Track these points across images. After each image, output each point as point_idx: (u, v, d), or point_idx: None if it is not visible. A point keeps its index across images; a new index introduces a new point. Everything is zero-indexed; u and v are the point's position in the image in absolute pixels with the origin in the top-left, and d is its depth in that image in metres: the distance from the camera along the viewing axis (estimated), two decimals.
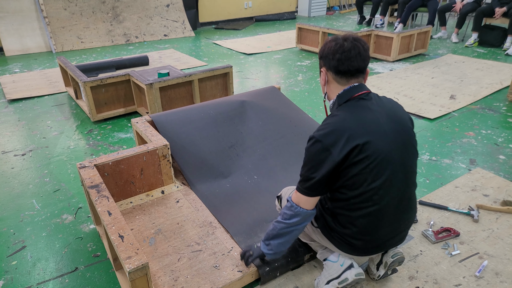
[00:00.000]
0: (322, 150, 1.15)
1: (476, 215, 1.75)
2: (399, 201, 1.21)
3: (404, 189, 1.21)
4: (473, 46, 5.12)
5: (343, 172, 1.16)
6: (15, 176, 2.25)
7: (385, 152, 1.15)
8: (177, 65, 4.45)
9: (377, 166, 1.14)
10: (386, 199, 1.18)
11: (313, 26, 4.85)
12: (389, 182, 1.17)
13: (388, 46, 4.45)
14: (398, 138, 1.19)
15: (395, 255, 1.32)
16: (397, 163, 1.17)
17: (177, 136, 2.03)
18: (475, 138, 2.59)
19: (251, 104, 2.29)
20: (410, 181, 1.23)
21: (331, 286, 1.31)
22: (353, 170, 1.14)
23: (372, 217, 1.19)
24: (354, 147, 1.12)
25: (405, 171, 1.20)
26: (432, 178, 2.12)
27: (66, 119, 3.05)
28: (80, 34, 5.43)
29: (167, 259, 1.47)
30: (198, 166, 1.98)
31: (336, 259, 1.33)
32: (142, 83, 2.75)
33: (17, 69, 4.44)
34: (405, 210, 1.24)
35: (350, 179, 1.16)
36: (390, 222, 1.22)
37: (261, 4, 7.61)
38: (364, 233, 1.22)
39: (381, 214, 1.19)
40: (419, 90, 3.51)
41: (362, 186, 1.15)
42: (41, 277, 1.52)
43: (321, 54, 1.29)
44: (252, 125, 2.21)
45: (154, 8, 6.03)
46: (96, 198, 1.40)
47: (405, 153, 1.20)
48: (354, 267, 1.30)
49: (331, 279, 1.31)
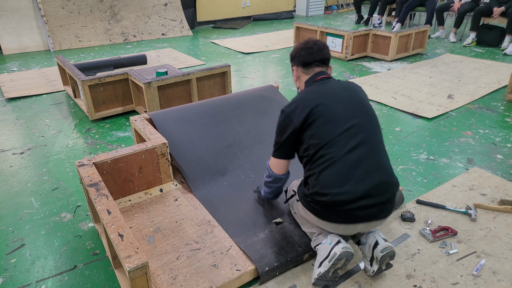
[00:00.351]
0: (285, 118, 1.43)
1: (473, 214, 1.76)
2: (360, 158, 1.30)
3: (365, 148, 1.31)
4: (471, 45, 5.14)
5: (304, 134, 1.37)
6: (14, 174, 2.24)
7: (338, 111, 1.34)
8: (175, 64, 4.45)
9: (331, 122, 1.32)
10: (343, 152, 1.29)
11: (311, 26, 4.85)
12: (345, 137, 1.31)
13: (386, 46, 4.46)
14: (353, 101, 1.39)
15: (384, 249, 1.34)
16: (353, 122, 1.33)
17: (175, 134, 2.03)
18: (473, 137, 2.61)
19: (249, 104, 2.30)
20: (371, 142, 1.33)
21: (324, 267, 1.35)
22: (311, 130, 1.34)
23: (331, 169, 1.29)
24: (309, 111, 1.35)
25: (363, 130, 1.33)
26: (429, 177, 2.14)
27: (64, 117, 3.05)
28: (78, 33, 5.41)
29: (166, 258, 1.47)
30: (195, 164, 1.98)
31: (325, 240, 1.39)
32: (140, 82, 2.75)
33: (15, 68, 4.43)
34: (372, 171, 1.29)
35: (310, 139, 1.34)
36: (355, 179, 1.28)
37: (259, 3, 7.61)
38: (328, 186, 1.29)
39: (340, 166, 1.28)
40: (417, 89, 3.52)
41: (320, 143, 1.32)
42: (40, 275, 1.52)
43: (291, 56, 1.57)
44: (249, 126, 2.22)
45: (152, 7, 6.02)
46: (95, 197, 1.40)
47: (361, 114, 1.36)
48: (341, 242, 1.35)
49: (322, 260, 1.36)
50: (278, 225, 1.63)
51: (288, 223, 1.64)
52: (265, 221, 1.67)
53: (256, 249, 1.49)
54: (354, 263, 1.52)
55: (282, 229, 1.61)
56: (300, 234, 1.57)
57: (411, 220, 1.75)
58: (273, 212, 1.73)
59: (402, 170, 2.20)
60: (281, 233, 1.58)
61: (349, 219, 1.30)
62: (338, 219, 1.31)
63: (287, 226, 1.63)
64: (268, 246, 1.51)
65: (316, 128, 1.33)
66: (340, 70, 4.20)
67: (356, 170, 1.28)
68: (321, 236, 1.43)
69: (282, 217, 1.69)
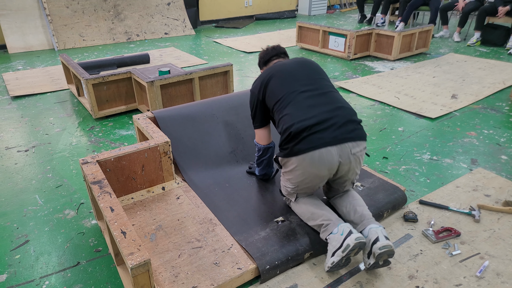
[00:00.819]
0: (252, 95, 1.73)
1: (477, 215, 1.75)
2: (317, 101, 1.51)
3: (320, 93, 1.54)
4: (475, 45, 5.11)
5: (267, 102, 1.63)
6: (19, 171, 2.26)
7: (290, 74, 1.60)
8: (177, 63, 4.46)
9: (284, 83, 1.58)
10: (300, 99, 1.52)
11: (314, 25, 4.84)
12: (300, 89, 1.54)
13: (389, 45, 4.44)
14: (303, 66, 1.64)
15: (383, 247, 1.35)
16: (305, 79, 1.58)
17: (178, 134, 2.04)
18: (477, 138, 2.59)
19: None
20: (325, 90, 1.56)
21: (336, 257, 1.38)
22: (269, 95, 1.61)
23: (292, 109, 1.50)
24: (265, 82, 1.63)
25: (315, 83, 1.58)
26: (433, 177, 2.13)
27: (68, 116, 3.06)
28: (82, 32, 5.44)
29: (168, 255, 1.48)
30: (197, 165, 2.00)
31: (336, 230, 1.43)
32: (143, 81, 2.75)
33: (20, 66, 4.46)
34: (331, 103, 1.51)
35: (272, 101, 1.60)
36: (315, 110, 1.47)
37: (262, 2, 7.61)
38: (292, 120, 1.47)
39: (301, 106, 1.49)
40: (420, 89, 3.51)
41: (279, 99, 1.55)
42: (44, 271, 1.53)
43: (259, 65, 1.89)
44: (252, 131, 2.24)
45: (155, 6, 6.03)
46: (98, 194, 1.41)
47: (312, 72, 1.62)
48: (353, 232, 1.38)
49: (335, 250, 1.40)
50: (279, 224, 1.64)
51: (290, 221, 1.65)
52: (266, 220, 1.67)
53: (257, 247, 1.50)
54: (356, 263, 1.52)
55: (284, 228, 1.61)
56: (302, 233, 1.57)
57: (413, 220, 1.74)
58: (275, 211, 1.73)
59: (404, 170, 2.20)
60: (283, 232, 1.58)
61: (320, 142, 1.41)
62: (310, 146, 1.41)
63: (288, 224, 1.63)
64: (269, 244, 1.51)
65: (272, 91, 1.60)
66: (343, 70, 4.19)
67: (315, 107, 1.49)
68: (330, 226, 1.47)
69: (283, 215, 1.69)
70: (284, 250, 1.49)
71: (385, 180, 1.93)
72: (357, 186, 1.89)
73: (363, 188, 1.87)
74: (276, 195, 1.84)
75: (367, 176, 1.99)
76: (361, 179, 1.95)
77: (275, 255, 1.47)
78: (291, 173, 1.53)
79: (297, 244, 1.52)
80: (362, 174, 2.00)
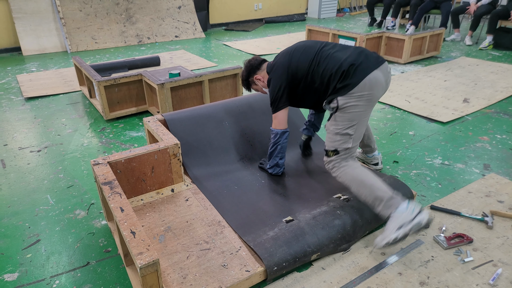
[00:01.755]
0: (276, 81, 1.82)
1: (490, 221, 1.72)
2: (337, 49, 1.74)
3: (333, 45, 1.77)
4: (487, 48, 5.04)
5: (298, 74, 1.77)
6: (31, 171, 2.30)
7: (302, 46, 1.80)
8: (187, 65, 4.49)
9: (305, 51, 1.77)
10: (327, 51, 1.73)
11: (323, 28, 4.84)
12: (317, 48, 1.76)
13: (400, 48, 4.41)
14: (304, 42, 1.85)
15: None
16: (313, 43, 1.80)
17: (188, 138, 2.06)
18: (490, 142, 2.55)
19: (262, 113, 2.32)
20: (332, 44, 1.79)
21: (403, 230, 1.45)
22: (300, 66, 1.76)
23: (329, 57, 1.70)
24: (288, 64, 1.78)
25: (321, 42, 1.80)
26: (444, 182, 2.10)
27: (80, 117, 3.11)
28: (94, 35, 5.52)
29: (176, 257, 1.48)
30: (206, 169, 2.02)
31: (406, 207, 1.49)
32: (154, 83, 2.78)
33: (34, 68, 4.54)
34: (350, 48, 1.73)
35: (309, 69, 1.74)
36: (346, 52, 1.70)
37: (271, 5, 7.63)
38: (338, 59, 1.67)
39: (332, 53, 1.71)
40: (431, 93, 3.47)
41: (312, 61, 1.73)
42: (55, 270, 1.55)
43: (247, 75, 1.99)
44: (262, 138, 2.25)
45: (166, 10, 6.10)
46: (109, 195, 1.42)
47: (315, 41, 1.84)
48: (424, 211, 1.49)
49: (402, 224, 1.46)
50: (288, 223, 1.63)
51: (298, 220, 1.64)
52: (275, 220, 1.67)
53: (265, 247, 1.49)
54: (365, 268, 1.50)
55: (292, 227, 1.60)
56: (310, 233, 1.56)
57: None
58: (284, 211, 1.73)
59: (416, 175, 2.17)
60: (291, 231, 1.57)
61: (369, 68, 1.61)
62: (364, 73, 1.60)
63: (297, 223, 1.62)
64: (277, 244, 1.50)
65: (300, 61, 1.76)
66: None
67: (345, 51, 1.70)
68: (395, 201, 1.51)
69: (292, 215, 1.69)
70: (291, 251, 1.48)
71: (395, 178, 1.91)
72: None
73: None
74: (286, 197, 1.84)
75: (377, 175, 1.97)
76: None
77: (283, 256, 1.46)
78: (350, 113, 1.64)
79: (305, 245, 1.52)
80: None
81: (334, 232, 1.58)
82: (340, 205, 1.72)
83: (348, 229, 1.61)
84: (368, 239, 1.66)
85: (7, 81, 4.06)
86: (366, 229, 1.68)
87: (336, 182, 1.92)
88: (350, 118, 1.64)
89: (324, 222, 1.61)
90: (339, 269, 1.50)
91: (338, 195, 1.81)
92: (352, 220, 1.64)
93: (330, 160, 1.72)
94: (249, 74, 1.97)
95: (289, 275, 1.49)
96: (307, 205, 1.77)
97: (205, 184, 1.94)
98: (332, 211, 1.67)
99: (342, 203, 1.73)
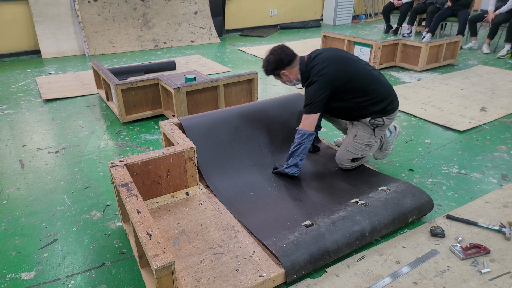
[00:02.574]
0: (321, 84, 1.91)
1: (508, 232, 1.68)
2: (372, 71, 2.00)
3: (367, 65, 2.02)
4: (505, 57, 4.94)
5: (348, 85, 1.93)
6: (49, 172, 2.35)
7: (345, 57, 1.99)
8: (202, 70, 4.54)
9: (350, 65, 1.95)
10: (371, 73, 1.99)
11: (338, 35, 4.83)
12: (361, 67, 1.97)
13: (416, 56, 4.37)
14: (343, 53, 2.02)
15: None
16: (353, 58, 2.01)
17: (203, 142, 2.08)
18: (507, 152, 2.50)
19: (276, 119, 2.33)
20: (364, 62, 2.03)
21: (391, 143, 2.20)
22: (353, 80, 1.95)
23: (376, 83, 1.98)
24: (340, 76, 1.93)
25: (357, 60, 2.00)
26: (461, 192, 2.06)
27: (97, 119, 3.17)
28: (112, 39, 5.64)
29: (190, 260, 1.49)
30: (221, 173, 2.04)
31: (389, 133, 2.20)
32: (170, 87, 2.82)
33: (52, 71, 4.66)
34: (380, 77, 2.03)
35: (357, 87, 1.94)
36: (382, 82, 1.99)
37: (286, 12, 7.66)
38: (384, 91, 1.97)
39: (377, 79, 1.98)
40: (448, 101, 3.42)
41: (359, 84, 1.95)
42: (70, 270, 1.58)
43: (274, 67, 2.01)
44: (273, 148, 2.27)
45: (182, 15, 6.19)
46: (125, 196, 1.44)
47: (351, 55, 2.04)
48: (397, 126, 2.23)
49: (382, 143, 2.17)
50: (307, 228, 1.62)
51: (318, 225, 1.63)
52: (294, 224, 1.67)
53: (287, 253, 1.48)
54: (379, 276, 1.48)
55: (313, 232, 1.59)
56: (331, 239, 1.55)
57: (440, 235, 1.69)
58: (302, 216, 1.73)
59: (431, 184, 2.14)
60: (312, 236, 1.56)
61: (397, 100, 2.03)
62: (397, 104, 2.03)
63: (317, 229, 1.61)
64: (299, 251, 1.49)
65: (352, 75, 1.92)
66: None
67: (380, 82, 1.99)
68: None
69: (311, 219, 1.68)
70: (312, 258, 1.48)
71: (411, 184, 1.90)
72: (383, 190, 1.87)
73: (389, 192, 1.84)
74: (302, 202, 1.84)
75: (392, 180, 1.96)
76: (386, 183, 1.94)
77: (304, 264, 1.46)
78: (383, 131, 2.04)
79: (325, 252, 1.52)
80: (386, 179, 2.00)
81: (353, 238, 1.59)
82: (358, 210, 1.71)
83: (367, 235, 1.62)
84: (383, 247, 1.64)
85: (26, 83, 4.17)
86: (383, 232, 1.68)
87: (351, 187, 1.95)
88: (381, 134, 2.06)
89: (344, 228, 1.61)
90: (353, 277, 1.49)
91: (355, 200, 1.80)
92: (371, 226, 1.64)
93: (354, 165, 2.09)
94: (277, 67, 2.00)
95: (302, 281, 1.48)
96: (324, 209, 1.77)
97: (220, 189, 1.95)
98: (351, 217, 1.67)
99: (360, 208, 1.73)
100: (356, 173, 2.09)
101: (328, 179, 2.05)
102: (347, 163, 2.07)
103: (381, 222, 1.66)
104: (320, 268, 1.55)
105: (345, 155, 2.06)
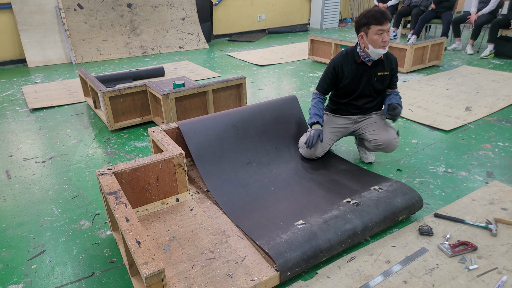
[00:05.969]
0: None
1: (494, 229, 1.72)
2: None
3: None
4: (488, 57, 5.06)
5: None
6: (36, 182, 2.32)
7: None
8: (191, 76, 4.54)
9: None
10: None
11: (326, 38, 4.89)
12: None
13: (401, 58, 4.44)
14: None
15: None
16: None
17: (201, 144, 2.09)
18: (492, 150, 2.55)
19: (271, 121, 2.37)
20: None
21: None
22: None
23: None
24: None
25: None
26: (448, 190, 2.10)
27: (85, 128, 3.14)
28: (99, 46, 5.60)
29: (181, 266, 1.48)
30: (217, 174, 2.06)
31: None
32: (159, 94, 2.82)
33: (39, 80, 4.61)
34: None
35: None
36: None
37: (274, 16, 7.72)
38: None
39: None
40: (434, 101, 3.49)
41: None
42: (59, 281, 1.55)
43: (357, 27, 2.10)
44: (269, 147, 2.30)
45: (170, 21, 6.19)
46: (114, 204, 1.44)
47: None
48: None
49: None
50: (300, 227, 1.64)
51: (310, 225, 1.64)
52: (287, 224, 1.68)
53: (280, 251, 1.50)
54: (370, 276, 1.50)
55: (305, 231, 1.60)
56: (323, 238, 1.57)
57: (429, 234, 1.71)
58: (295, 216, 1.75)
59: (419, 183, 2.17)
60: (304, 235, 1.58)
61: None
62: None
63: (309, 228, 1.62)
64: (291, 249, 1.51)
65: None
66: None
67: None
68: None
69: (303, 219, 1.70)
70: (305, 256, 1.50)
71: (403, 183, 1.93)
72: (376, 189, 1.89)
73: (381, 191, 1.87)
74: (295, 202, 1.87)
75: (384, 180, 2.00)
76: (379, 183, 1.97)
77: (297, 261, 1.47)
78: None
79: (318, 250, 1.53)
80: (379, 178, 2.03)
81: (345, 236, 1.61)
82: (351, 210, 1.73)
83: (358, 233, 1.64)
84: (373, 247, 1.66)
85: (12, 93, 4.12)
86: (375, 231, 1.71)
87: (344, 187, 1.98)
88: None
89: (336, 226, 1.62)
90: (344, 278, 1.50)
91: (348, 200, 1.82)
92: (363, 225, 1.66)
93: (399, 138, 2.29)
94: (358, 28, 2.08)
95: (294, 283, 1.49)
96: (317, 209, 1.79)
97: (216, 187, 1.98)
98: (343, 215, 1.69)
99: (352, 207, 1.75)
100: (349, 174, 2.12)
101: (322, 180, 2.08)
102: (396, 137, 2.22)
103: (372, 221, 1.69)
104: (311, 270, 1.56)
105: (392, 132, 2.22)
